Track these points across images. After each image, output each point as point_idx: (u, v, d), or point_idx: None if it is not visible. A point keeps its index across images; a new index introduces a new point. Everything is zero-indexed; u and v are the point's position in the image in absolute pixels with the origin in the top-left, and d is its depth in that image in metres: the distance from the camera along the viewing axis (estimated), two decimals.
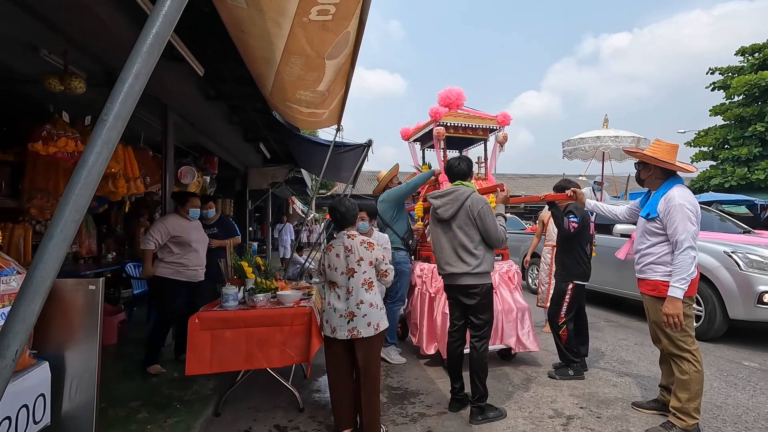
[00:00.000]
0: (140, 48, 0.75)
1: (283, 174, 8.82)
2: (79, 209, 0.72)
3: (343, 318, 2.49)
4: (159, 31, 0.75)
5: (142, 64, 0.74)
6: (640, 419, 2.84)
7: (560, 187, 3.73)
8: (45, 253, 0.70)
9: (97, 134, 0.72)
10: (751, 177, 14.68)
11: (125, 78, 0.73)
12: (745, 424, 2.77)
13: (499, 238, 2.80)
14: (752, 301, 4.30)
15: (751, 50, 15.90)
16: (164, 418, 2.76)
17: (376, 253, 2.60)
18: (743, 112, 15.20)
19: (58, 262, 0.72)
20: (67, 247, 0.73)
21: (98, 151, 0.71)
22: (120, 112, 0.72)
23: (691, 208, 2.55)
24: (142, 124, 4.91)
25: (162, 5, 0.77)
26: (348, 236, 2.60)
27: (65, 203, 0.72)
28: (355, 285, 2.51)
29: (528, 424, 2.79)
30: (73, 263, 5.26)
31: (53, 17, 2.73)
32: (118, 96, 0.74)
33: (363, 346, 2.51)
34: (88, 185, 0.71)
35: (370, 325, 2.49)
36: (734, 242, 4.75)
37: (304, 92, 3.32)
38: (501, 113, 4.67)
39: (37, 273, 0.70)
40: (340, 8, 2.05)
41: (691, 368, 2.56)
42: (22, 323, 0.69)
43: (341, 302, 2.52)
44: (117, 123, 0.72)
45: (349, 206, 2.66)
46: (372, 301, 2.53)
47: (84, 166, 0.71)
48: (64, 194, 0.73)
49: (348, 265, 2.53)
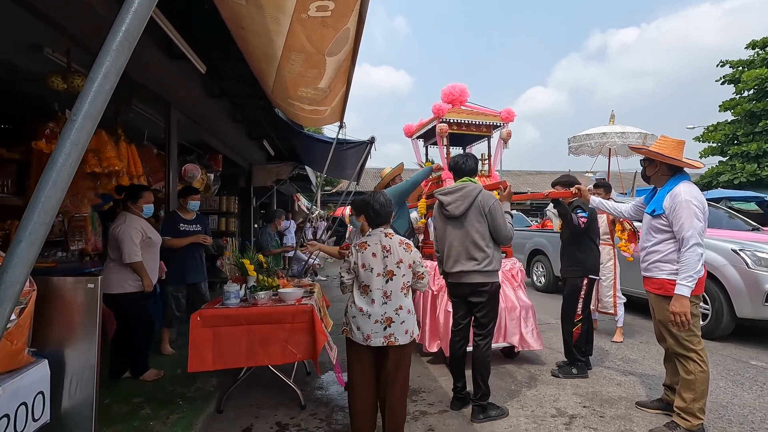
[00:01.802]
0: (109, 46, 0.73)
1: (287, 171, 8.83)
2: (49, 211, 0.71)
3: (379, 324, 2.33)
4: (128, 29, 0.73)
5: (112, 63, 0.73)
6: (644, 419, 2.81)
7: (561, 182, 3.69)
8: (14, 257, 0.69)
9: (66, 135, 0.71)
10: (761, 173, 14.47)
11: (94, 77, 0.72)
12: (751, 424, 2.74)
13: (507, 235, 2.77)
14: (760, 300, 4.23)
15: (762, 44, 15.61)
16: (167, 414, 2.78)
17: (415, 255, 2.45)
18: (753, 108, 14.96)
19: (28, 266, 0.71)
20: (38, 250, 0.72)
21: (67, 152, 0.70)
22: (89, 112, 0.71)
23: (698, 204, 2.51)
24: (146, 122, 4.92)
25: (131, 2, 0.75)
26: (385, 235, 2.44)
27: (34, 206, 0.71)
28: (395, 289, 2.36)
29: (530, 423, 2.77)
30: (79, 260, 5.31)
31: (56, 16, 2.74)
32: (87, 95, 0.73)
33: (397, 353, 2.37)
34: (58, 186, 0.70)
35: (407, 332, 2.37)
36: (742, 240, 4.68)
37: (305, 89, 3.31)
38: (505, 110, 4.63)
39: (6, 277, 0.69)
40: (338, 4, 2.03)
41: (697, 368, 2.52)
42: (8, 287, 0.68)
43: (377, 307, 2.34)
44: (86, 123, 0.70)
45: (384, 203, 2.49)
46: (410, 307, 2.41)
47: (53, 167, 0.70)
48: (33, 196, 0.72)
49: (386, 266, 2.37)
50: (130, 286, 3.29)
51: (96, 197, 4.83)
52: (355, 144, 5.47)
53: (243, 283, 3.18)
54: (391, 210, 2.53)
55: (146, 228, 3.43)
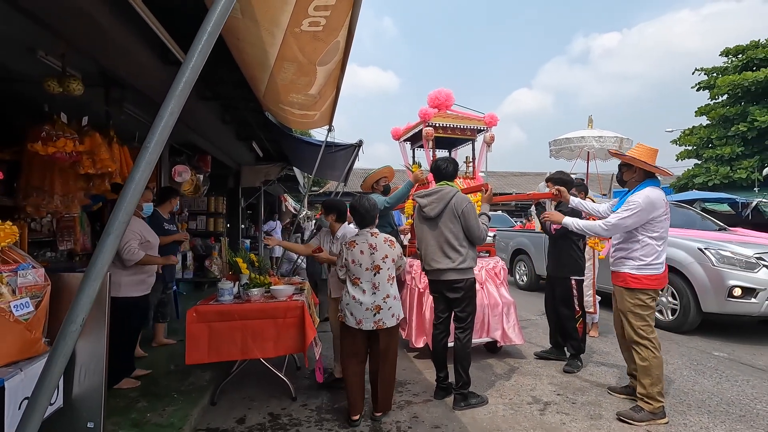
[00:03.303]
0: (173, 92, 0.91)
1: (276, 172, 8.92)
2: (128, 213, 0.88)
3: (370, 311, 2.70)
4: (188, 79, 0.92)
5: (176, 104, 0.91)
6: (612, 404, 3.03)
7: (554, 179, 3.80)
8: (104, 246, 0.85)
9: (142, 157, 0.87)
10: (733, 176, 15.06)
11: (163, 114, 0.89)
12: (708, 407, 2.98)
13: (480, 236, 2.97)
14: (723, 295, 4.53)
15: (735, 51, 16.27)
16: (163, 407, 2.89)
17: (398, 250, 2.83)
18: (727, 112, 15.57)
19: (112, 253, 0.87)
20: (118, 241, 0.88)
21: (143, 169, 0.87)
22: (159, 140, 0.87)
23: (645, 206, 2.76)
24: (137, 124, 4.99)
25: (190, 59, 0.92)
26: (371, 234, 2.80)
27: (119, 208, 0.88)
28: (381, 280, 2.73)
29: (507, 410, 2.97)
30: (67, 260, 5.34)
31: (54, 22, 2.83)
32: (157, 128, 0.89)
33: (386, 334, 2.76)
34: (136, 194, 0.87)
35: (394, 316, 2.76)
36: (708, 239, 4.98)
37: (296, 95, 3.46)
38: (488, 114, 4.84)
39: (98, 261, 0.86)
40: (330, 20, 2.19)
41: (650, 354, 2.77)
42: (87, 298, 0.84)
43: (367, 296, 2.71)
44: (156, 147, 0.87)
45: (369, 207, 2.84)
46: (395, 294, 2.79)
47: (132, 180, 0.87)
48: (118, 202, 0.89)
49: (374, 261, 2.73)
50: (135, 290, 3.26)
51: (86, 198, 4.88)
52: (343, 147, 5.63)
53: (236, 281, 3.31)
54: (375, 213, 2.87)
55: (144, 231, 3.45)
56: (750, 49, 15.74)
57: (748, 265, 4.54)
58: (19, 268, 1.60)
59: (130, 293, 3.23)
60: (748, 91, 14.97)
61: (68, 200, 4.69)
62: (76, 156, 3.56)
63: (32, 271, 1.65)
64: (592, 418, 2.83)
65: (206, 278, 7.35)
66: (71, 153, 3.47)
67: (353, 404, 2.77)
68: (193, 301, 3.59)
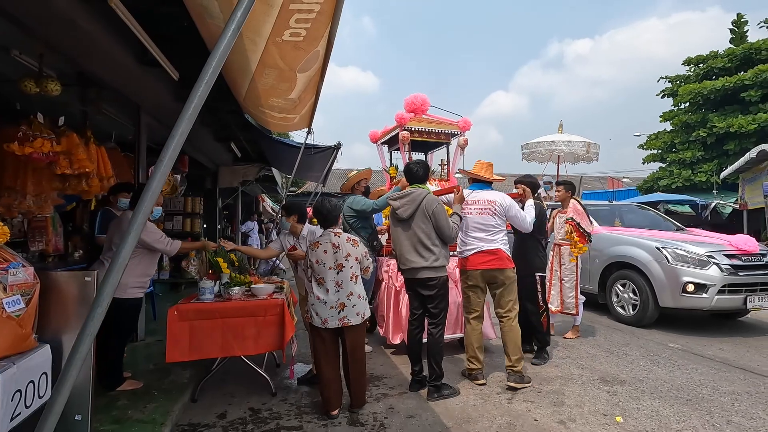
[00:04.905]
0: (184, 116, 1.06)
1: (254, 172, 8.91)
2: (145, 216, 0.99)
3: (334, 309, 2.78)
4: (196, 105, 1.07)
5: (185, 126, 1.06)
6: (574, 392, 3.26)
7: (523, 182, 4.01)
8: (125, 243, 0.96)
9: (157, 170, 0.99)
10: (694, 179, 15.89)
11: (174, 135, 1.01)
12: (660, 393, 3.25)
13: (450, 234, 3.15)
14: (678, 291, 4.87)
15: (696, 61, 17.17)
16: (143, 404, 2.94)
17: (361, 249, 2.90)
18: (688, 119, 16.40)
19: (130, 249, 0.97)
20: (136, 240, 0.99)
21: (158, 179, 0.98)
22: (172, 156, 1.00)
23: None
24: (113, 124, 4.96)
25: (197, 89, 1.04)
26: (334, 234, 2.88)
27: (137, 213, 0.99)
28: (345, 278, 2.81)
29: (478, 399, 3.16)
30: (39, 261, 5.25)
31: (32, 23, 2.84)
32: (170, 146, 1.01)
33: (352, 332, 2.83)
34: (151, 201, 0.99)
35: (359, 314, 2.83)
36: (665, 239, 5.33)
37: (276, 99, 3.55)
38: (462, 119, 5.05)
39: (120, 255, 0.97)
40: (310, 32, 2.31)
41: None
42: (111, 287, 0.94)
43: (331, 295, 2.78)
44: (169, 163, 0.99)
45: (330, 208, 2.94)
46: (359, 293, 2.86)
47: (149, 189, 1.00)
48: (136, 208, 1.00)
49: (336, 260, 2.81)
50: (135, 292, 3.19)
51: (59, 198, 4.82)
52: (322, 149, 5.73)
53: (217, 280, 3.37)
54: (337, 214, 2.99)
55: None
56: (710, 59, 16.64)
57: (700, 263, 4.90)
58: (10, 267, 1.65)
59: (134, 294, 3.19)
60: (708, 99, 15.82)
61: (41, 200, 4.63)
62: (53, 156, 3.55)
63: (22, 269, 1.71)
64: (555, 405, 3.05)
65: (183, 279, 7.29)
66: (48, 153, 3.46)
67: (328, 401, 2.85)
68: (170, 302, 3.62)
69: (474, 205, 3.46)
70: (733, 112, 15.15)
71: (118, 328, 3.10)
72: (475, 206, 3.46)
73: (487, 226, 3.40)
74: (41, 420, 1.02)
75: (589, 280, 5.89)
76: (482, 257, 3.37)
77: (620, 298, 5.49)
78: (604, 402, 3.10)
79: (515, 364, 3.33)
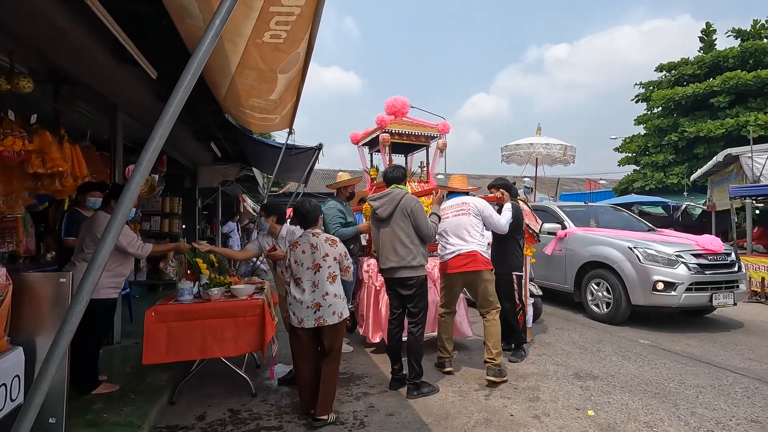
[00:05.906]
0: (163, 119, 1.08)
1: (235, 172, 8.81)
2: (125, 215, 1.00)
3: (310, 309, 2.75)
4: (174, 109, 1.09)
5: (164, 129, 1.07)
6: (549, 388, 3.36)
7: (497, 185, 4.20)
8: (105, 243, 0.96)
9: (137, 171, 1.00)
10: (666, 181, 16.46)
11: (154, 137, 1.02)
12: (630, 387, 3.38)
13: (429, 233, 3.21)
14: (649, 289, 5.05)
15: (668, 67, 17.79)
16: (120, 407, 2.90)
17: (340, 249, 2.89)
18: (661, 123, 16.98)
19: (110, 249, 0.98)
20: (115, 241, 0.99)
21: (137, 181, 0.99)
22: (151, 158, 1.01)
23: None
24: (88, 122, 4.86)
25: (176, 93, 1.05)
26: (313, 234, 2.87)
27: (117, 212, 1.01)
28: (321, 278, 2.78)
29: (456, 397, 3.22)
30: (9, 262, 5.08)
31: (5, 20, 2.77)
32: (149, 148, 1.03)
33: (329, 332, 2.80)
34: (131, 200, 1.01)
35: (335, 313, 2.79)
36: (637, 239, 5.52)
37: (257, 100, 3.55)
38: (441, 122, 5.12)
39: (99, 255, 0.97)
40: (290, 34, 2.33)
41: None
42: (91, 284, 0.95)
43: (307, 295, 2.76)
44: (148, 165, 1.00)
45: (310, 208, 2.94)
46: (336, 292, 2.83)
47: (128, 190, 1.00)
48: (117, 206, 1.01)
49: (314, 260, 2.79)
50: (109, 293, 3.13)
51: (30, 197, 4.69)
52: (303, 149, 5.72)
53: (196, 281, 3.35)
54: (317, 214, 2.99)
55: None
56: (681, 66, 17.26)
57: (669, 262, 5.10)
58: None
59: (108, 295, 3.13)
60: (679, 104, 16.41)
61: (11, 200, 4.50)
62: (24, 155, 3.46)
63: None
64: (531, 401, 3.14)
65: (161, 280, 7.17)
66: (20, 152, 3.38)
67: (307, 401, 2.84)
68: (147, 304, 3.56)
69: (451, 209, 3.67)
70: (702, 117, 15.75)
71: (93, 329, 3.02)
72: (451, 210, 3.67)
73: (465, 227, 3.51)
74: (17, 421, 1.02)
75: (565, 280, 6.06)
76: (460, 260, 3.48)
77: (595, 296, 5.66)
78: (577, 397, 3.20)
79: (495, 357, 3.42)
